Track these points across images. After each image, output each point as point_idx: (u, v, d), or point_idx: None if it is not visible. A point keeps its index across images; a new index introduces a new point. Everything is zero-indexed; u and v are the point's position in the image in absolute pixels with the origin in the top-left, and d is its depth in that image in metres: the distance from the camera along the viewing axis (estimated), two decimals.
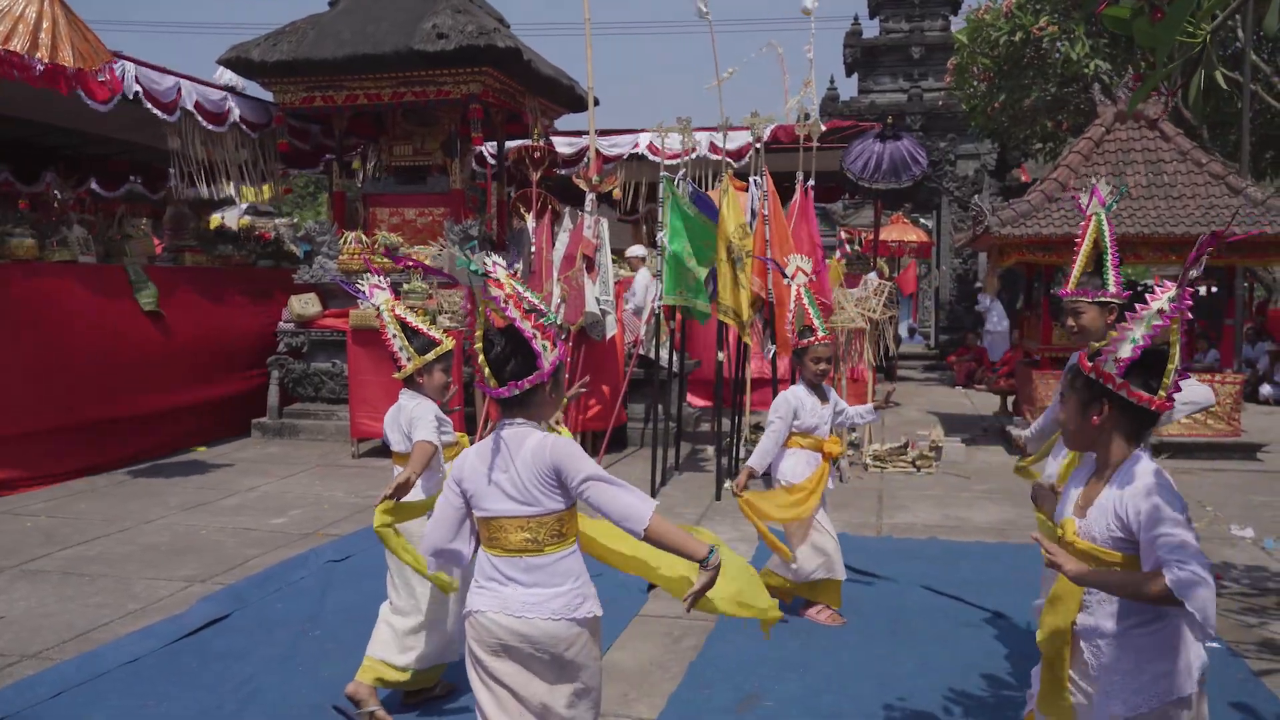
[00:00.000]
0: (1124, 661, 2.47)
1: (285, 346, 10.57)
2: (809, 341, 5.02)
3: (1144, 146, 9.81)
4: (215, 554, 6.30)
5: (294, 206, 33.67)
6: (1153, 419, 2.56)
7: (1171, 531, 2.34)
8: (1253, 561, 6.11)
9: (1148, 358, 2.48)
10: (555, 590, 2.72)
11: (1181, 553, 2.30)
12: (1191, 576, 2.26)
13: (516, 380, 2.72)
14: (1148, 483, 2.45)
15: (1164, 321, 2.46)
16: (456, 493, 2.82)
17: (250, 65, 10.38)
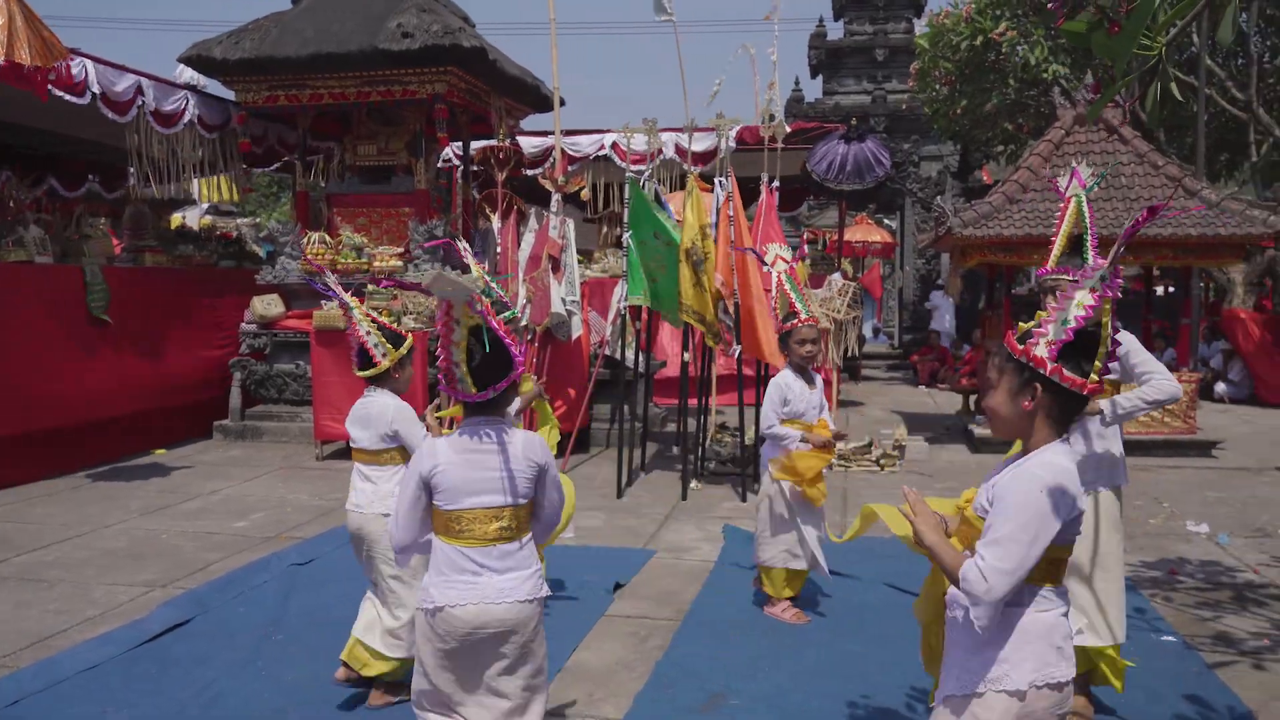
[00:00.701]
0: (968, 638, 2.40)
1: (248, 348, 10.46)
2: (793, 324, 5.03)
3: (1102, 149, 9.96)
4: (175, 558, 6.23)
5: (256, 206, 33.33)
6: (1082, 403, 2.45)
7: (999, 526, 2.29)
8: (1207, 557, 6.22)
9: (1079, 340, 2.39)
10: (525, 573, 2.94)
11: (991, 551, 2.26)
12: (977, 576, 2.25)
13: (494, 384, 2.88)
14: (1030, 473, 2.34)
15: (1095, 302, 2.37)
16: (424, 489, 2.92)
17: (212, 63, 10.27)
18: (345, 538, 6.50)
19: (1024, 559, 2.26)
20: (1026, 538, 2.26)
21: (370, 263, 10.28)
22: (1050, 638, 2.36)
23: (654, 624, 5.04)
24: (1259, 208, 9.29)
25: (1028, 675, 2.33)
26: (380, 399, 4.09)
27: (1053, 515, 2.29)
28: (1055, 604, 2.40)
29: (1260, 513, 7.37)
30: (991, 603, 2.25)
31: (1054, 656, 2.36)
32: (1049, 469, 2.33)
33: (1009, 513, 2.29)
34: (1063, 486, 2.32)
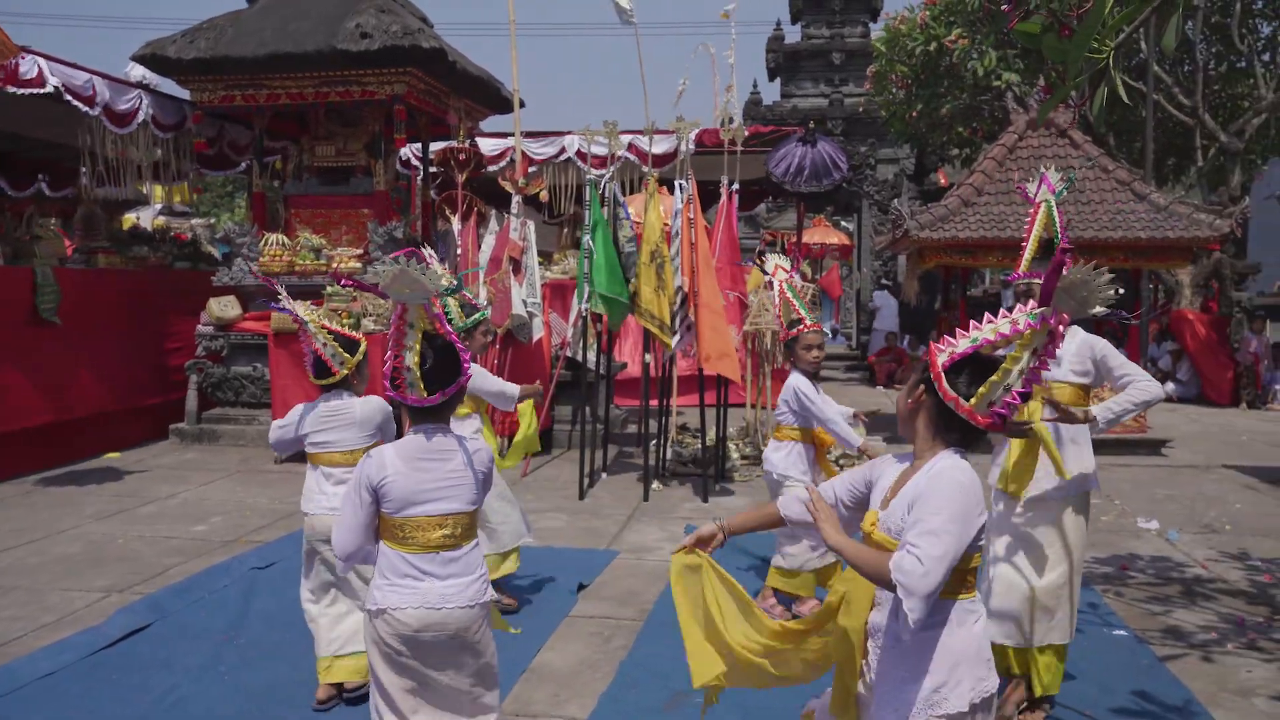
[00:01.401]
0: (900, 666, 2.36)
1: (204, 350, 10.34)
2: (798, 330, 5.05)
3: (1055, 153, 10.14)
4: (133, 564, 6.15)
5: (210, 207, 32.90)
6: (968, 427, 2.36)
7: (928, 518, 2.23)
8: (1157, 552, 6.37)
9: (975, 361, 2.34)
10: (469, 579, 2.95)
11: (924, 540, 2.19)
12: (914, 564, 2.16)
13: (444, 389, 2.89)
14: (947, 475, 2.30)
15: (1010, 332, 2.31)
16: (370, 497, 2.91)
17: (166, 62, 10.12)
18: None
19: (953, 549, 2.20)
20: (956, 529, 2.22)
21: (329, 264, 10.21)
22: (981, 653, 2.36)
23: (617, 624, 5.07)
24: (1206, 211, 9.51)
25: (966, 696, 2.31)
26: (354, 401, 4.14)
27: (974, 512, 2.27)
28: (977, 613, 2.39)
29: (1208, 509, 7.56)
30: (927, 593, 2.16)
31: (985, 670, 2.36)
32: (960, 471, 2.31)
33: (938, 505, 2.24)
34: (974, 490, 2.30)
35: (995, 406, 2.30)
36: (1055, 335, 2.25)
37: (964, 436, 2.39)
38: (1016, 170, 10.09)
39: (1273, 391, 13.38)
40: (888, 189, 19.51)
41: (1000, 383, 2.27)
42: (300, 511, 4.28)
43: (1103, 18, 2.23)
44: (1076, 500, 3.95)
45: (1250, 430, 11.45)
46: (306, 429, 4.14)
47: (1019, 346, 2.28)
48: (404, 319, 2.86)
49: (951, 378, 2.34)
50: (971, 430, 2.36)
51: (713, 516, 7.04)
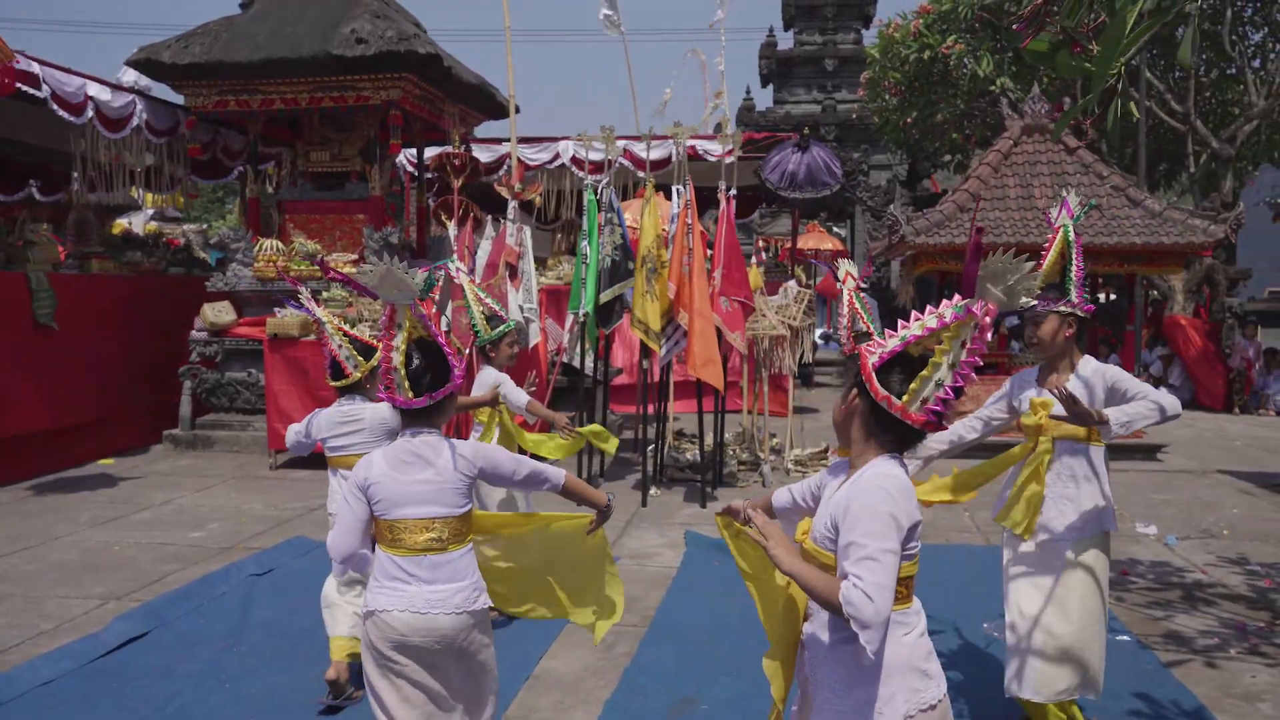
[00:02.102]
0: (834, 677, 2.34)
1: (198, 355, 10.29)
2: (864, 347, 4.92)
3: (1049, 160, 10.19)
4: (129, 570, 6.11)
5: (201, 212, 32.80)
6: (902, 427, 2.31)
7: (864, 543, 2.18)
8: (1156, 557, 6.38)
9: (906, 358, 2.30)
10: (457, 586, 2.91)
11: (865, 569, 2.15)
12: (862, 598, 2.12)
13: (432, 392, 2.89)
14: (871, 485, 2.26)
15: (937, 325, 2.25)
16: (362, 500, 2.92)
17: (160, 67, 10.09)
18: (304, 548, 6.52)
19: (892, 571, 2.18)
20: (890, 548, 2.18)
21: (324, 269, 10.16)
22: (913, 662, 2.31)
23: (620, 630, 5.04)
24: (1200, 217, 9.56)
25: (900, 709, 2.27)
26: (366, 406, 4.19)
27: (900, 522, 2.22)
28: (912, 626, 2.35)
29: (1205, 514, 7.57)
30: (882, 623, 2.13)
31: (921, 681, 2.31)
32: (886, 479, 2.27)
33: (867, 526, 2.20)
34: (901, 496, 2.25)
35: (928, 404, 2.25)
36: (983, 326, 2.18)
37: (899, 439, 2.34)
38: (1012, 176, 10.15)
39: (1265, 397, 13.43)
40: (880, 195, 19.58)
41: (931, 378, 2.23)
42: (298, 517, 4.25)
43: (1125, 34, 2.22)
44: (1094, 541, 3.70)
45: (1243, 435, 11.49)
46: (322, 433, 4.21)
47: (947, 339, 2.23)
48: (393, 320, 2.89)
49: (883, 377, 2.30)
50: (907, 431, 2.31)
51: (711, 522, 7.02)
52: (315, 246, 10.37)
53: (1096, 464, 3.72)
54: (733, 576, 6.08)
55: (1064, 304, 3.69)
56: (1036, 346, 3.78)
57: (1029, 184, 10.04)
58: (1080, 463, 3.71)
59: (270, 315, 9.62)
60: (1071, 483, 3.71)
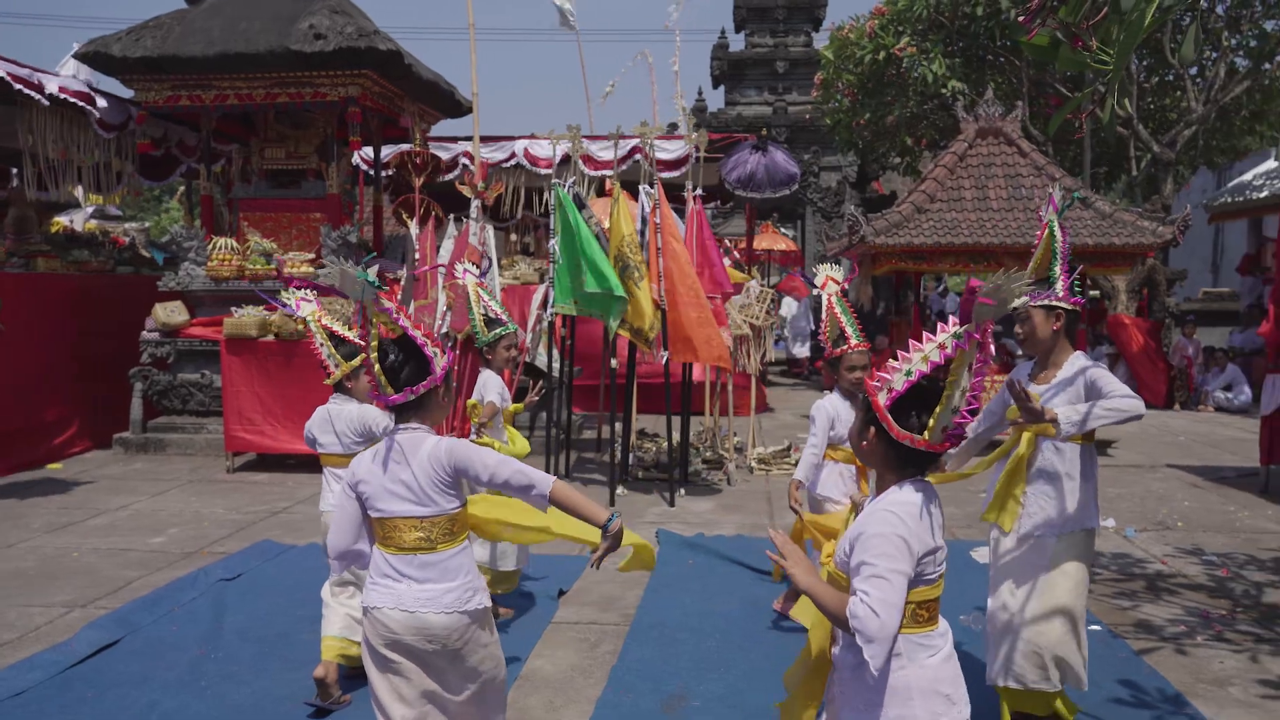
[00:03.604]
0: (858, 699, 2.36)
1: (149, 357, 10.04)
2: (843, 350, 4.77)
3: (1003, 161, 10.39)
4: (91, 577, 5.95)
5: (136, 210, 32.05)
6: (927, 457, 2.36)
7: (874, 562, 2.23)
8: (1118, 550, 6.54)
9: (917, 393, 2.33)
10: (448, 585, 2.86)
11: (873, 585, 2.21)
12: (867, 612, 2.18)
13: (411, 386, 2.86)
14: (884, 512, 2.31)
15: (941, 359, 2.28)
16: (352, 496, 2.91)
17: (110, 61, 9.83)
18: (272, 551, 6.43)
19: (901, 591, 2.23)
20: (899, 568, 2.23)
21: (280, 269, 10.00)
22: (936, 686, 2.33)
23: (602, 629, 5.05)
24: (1148, 219, 9.81)
25: None
26: (345, 405, 4.17)
27: (911, 548, 2.26)
28: (935, 648, 2.37)
29: (1158, 507, 7.79)
30: (886, 639, 2.18)
31: (943, 705, 2.33)
32: (899, 506, 2.31)
33: (877, 548, 2.25)
34: (914, 524, 2.29)
35: (949, 430, 2.31)
36: (985, 347, 2.25)
37: (920, 465, 2.39)
38: (967, 178, 10.33)
39: (1204, 393, 13.83)
40: (831, 196, 19.79)
41: (947, 409, 2.28)
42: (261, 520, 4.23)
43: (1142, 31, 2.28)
44: (1076, 537, 3.75)
45: (1186, 431, 11.82)
46: (311, 430, 4.24)
47: (954, 368, 2.27)
48: (367, 318, 2.88)
49: (900, 416, 2.33)
50: (929, 458, 2.36)
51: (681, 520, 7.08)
52: (271, 245, 10.19)
53: (1080, 461, 3.75)
54: (709, 574, 6.14)
55: (1049, 297, 3.72)
56: (1025, 342, 3.82)
57: (984, 186, 10.23)
58: (1063, 459, 3.74)
59: (226, 315, 9.44)
60: (1054, 479, 3.74)
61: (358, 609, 4.18)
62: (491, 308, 5.34)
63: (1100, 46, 2.93)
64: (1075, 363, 3.78)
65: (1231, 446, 10.65)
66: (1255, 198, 16.43)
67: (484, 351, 5.28)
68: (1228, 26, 14.11)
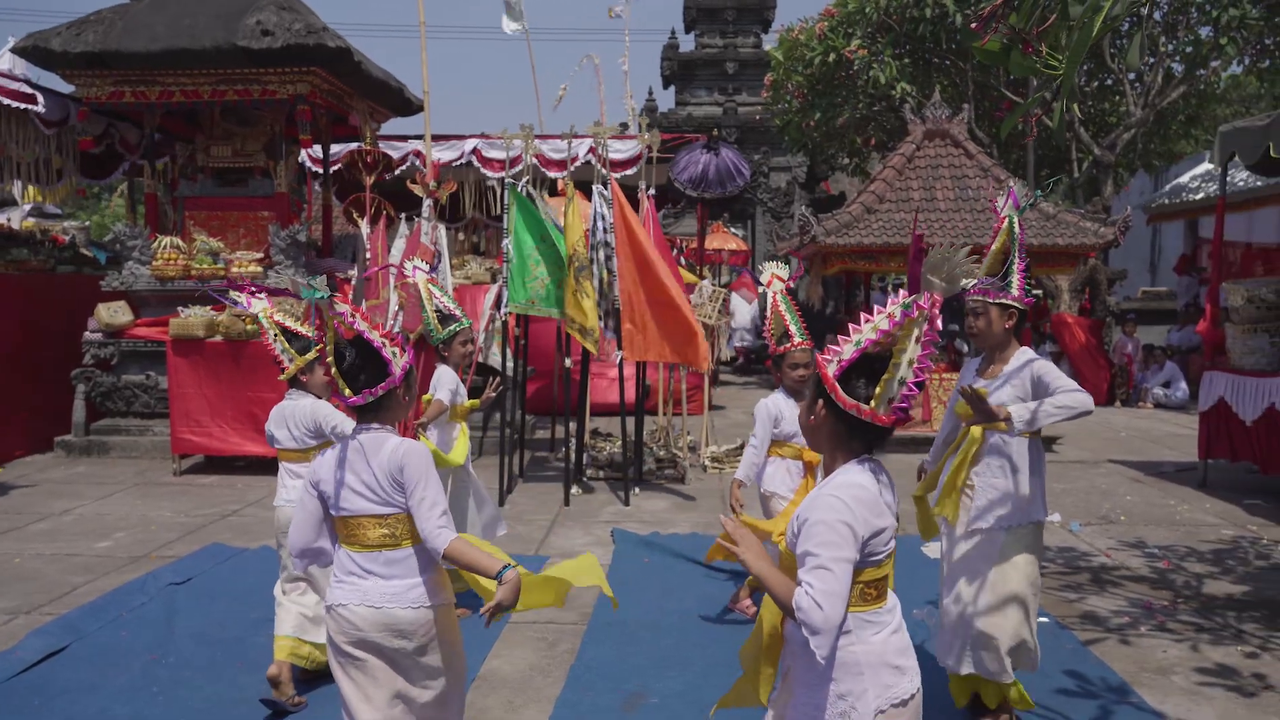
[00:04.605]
0: (809, 674, 2.38)
1: (92, 358, 9.84)
2: (786, 348, 4.83)
3: (950, 163, 10.57)
4: (35, 583, 5.82)
5: (75, 208, 31.32)
6: (873, 431, 2.36)
7: (817, 552, 2.24)
8: (1064, 544, 6.69)
9: (865, 363, 2.33)
10: (413, 581, 2.88)
11: (816, 577, 2.22)
12: (811, 605, 2.19)
13: (370, 388, 2.87)
14: (829, 497, 2.31)
15: (890, 327, 2.28)
16: (314, 495, 2.93)
17: (50, 55, 9.61)
18: (223, 554, 6.34)
19: (844, 579, 2.23)
20: (843, 556, 2.24)
21: (228, 268, 9.85)
22: (885, 659, 2.36)
23: (560, 629, 5.05)
24: (1090, 220, 10.04)
25: (871, 704, 2.32)
26: (298, 401, 4.16)
27: (854, 534, 2.27)
28: (883, 624, 2.39)
29: (1102, 501, 7.97)
30: (830, 630, 2.20)
31: (892, 676, 2.35)
32: (847, 490, 2.31)
33: (821, 536, 2.25)
34: (859, 506, 2.29)
35: (895, 403, 2.30)
36: (933, 319, 2.26)
37: (868, 442, 2.39)
38: (915, 179, 10.48)
39: (1144, 390, 14.17)
40: (780, 197, 19.96)
41: (894, 378, 2.28)
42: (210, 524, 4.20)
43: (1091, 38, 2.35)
44: (1026, 529, 3.82)
45: (1127, 427, 12.10)
46: (270, 427, 4.24)
47: (901, 338, 2.28)
48: (323, 320, 2.89)
49: (847, 385, 2.33)
50: (877, 434, 2.36)
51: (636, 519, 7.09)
52: (218, 244, 10.04)
53: (1028, 454, 3.81)
54: (666, 572, 6.18)
55: (1006, 296, 3.77)
56: (977, 337, 3.87)
57: (931, 187, 10.39)
58: (1011, 452, 3.80)
59: (172, 315, 9.27)
60: (1002, 472, 3.80)
61: (310, 607, 4.17)
62: (444, 303, 5.32)
63: (1049, 52, 3.01)
64: (1021, 357, 3.85)
65: (1170, 442, 10.93)
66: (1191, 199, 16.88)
67: (439, 348, 5.27)
68: (1164, 32, 14.48)
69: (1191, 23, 14.22)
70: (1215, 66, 14.88)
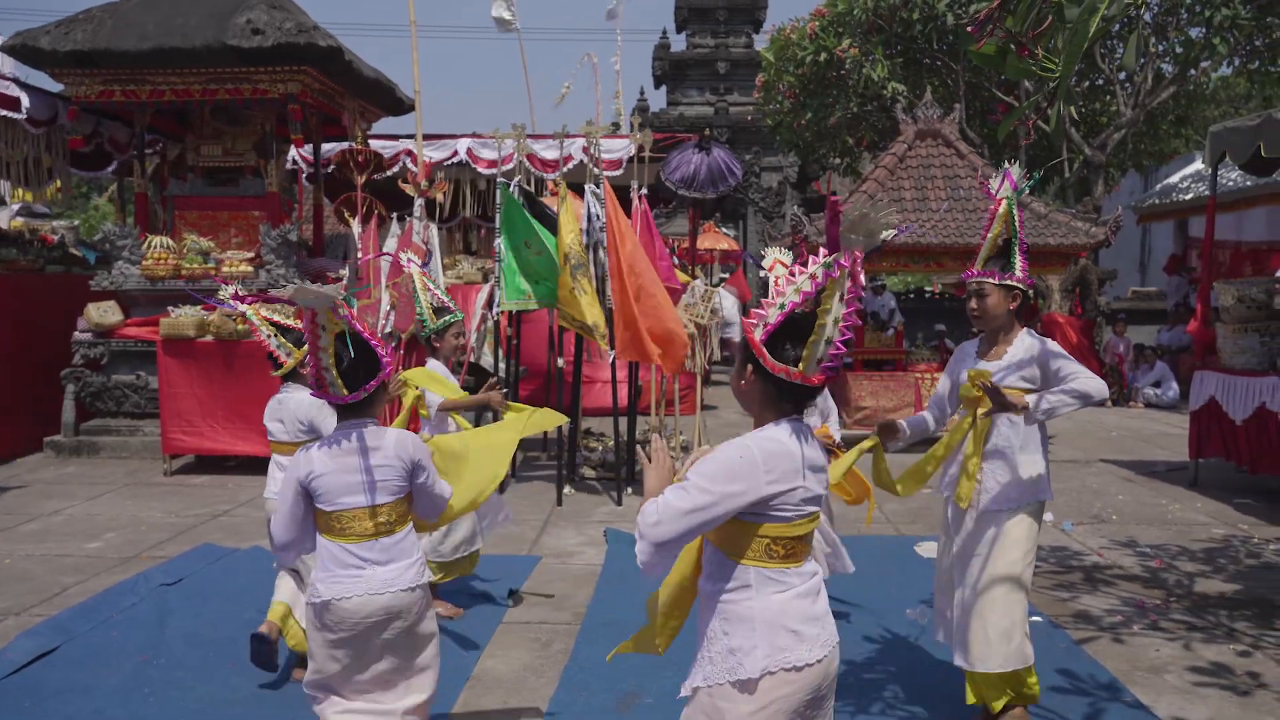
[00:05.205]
0: (708, 625, 2.36)
1: (82, 358, 9.79)
2: None
3: (942, 163, 10.58)
4: (25, 584, 5.79)
5: (64, 207, 31.16)
6: (803, 392, 2.33)
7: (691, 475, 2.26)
8: (1056, 543, 6.70)
9: (791, 325, 2.30)
10: (407, 562, 3.08)
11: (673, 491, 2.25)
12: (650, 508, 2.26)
13: (365, 385, 3.02)
14: (739, 441, 2.30)
15: (813, 287, 2.24)
16: (301, 493, 3.03)
17: (39, 54, 9.56)
18: (214, 555, 6.32)
19: (700, 506, 2.21)
20: (712, 488, 2.21)
21: (218, 268, 9.82)
22: (782, 620, 2.30)
23: (554, 629, 5.04)
24: (1082, 219, 10.06)
25: (760, 662, 2.27)
26: (295, 395, 4.21)
27: (745, 478, 2.23)
28: (789, 585, 2.33)
29: (1094, 500, 8.00)
30: (655, 539, 2.21)
31: (789, 640, 2.29)
32: (759, 439, 2.30)
33: (703, 466, 2.26)
34: (766, 457, 2.26)
35: (824, 362, 2.28)
36: (855, 276, 2.23)
37: (797, 403, 2.37)
38: (907, 179, 10.49)
39: (1135, 390, 14.22)
40: (772, 196, 19.98)
41: (820, 339, 2.25)
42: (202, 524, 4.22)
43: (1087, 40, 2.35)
44: (1030, 509, 3.78)
45: (1119, 427, 12.14)
46: (266, 419, 4.29)
47: (825, 298, 2.25)
48: (315, 324, 2.97)
49: (774, 348, 2.30)
50: (806, 393, 2.34)
51: (629, 519, 7.08)
52: (209, 244, 9.99)
53: (1033, 434, 3.77)
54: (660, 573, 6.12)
55: (1009, 277, 3.70)
56: (979, 319, 3.78)
57: (923, 186, 10.40)
58: (1017, 433, 3.75)
59: (162, 315, 9.23)
60: (1009, 453, 3.75)
61: None
62: (439, 296, 5.34)
63: (1045, 55, 3.01)
64: (1025, 340, 3.77)
65: (1162, 441, 10.97)
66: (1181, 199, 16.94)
67: (431, 339, 5.26)
68: (1155, 33, 14.53)
69: (1182, 23, 14.28)
70: (1206, 67, 14.95)
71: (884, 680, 4.37)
